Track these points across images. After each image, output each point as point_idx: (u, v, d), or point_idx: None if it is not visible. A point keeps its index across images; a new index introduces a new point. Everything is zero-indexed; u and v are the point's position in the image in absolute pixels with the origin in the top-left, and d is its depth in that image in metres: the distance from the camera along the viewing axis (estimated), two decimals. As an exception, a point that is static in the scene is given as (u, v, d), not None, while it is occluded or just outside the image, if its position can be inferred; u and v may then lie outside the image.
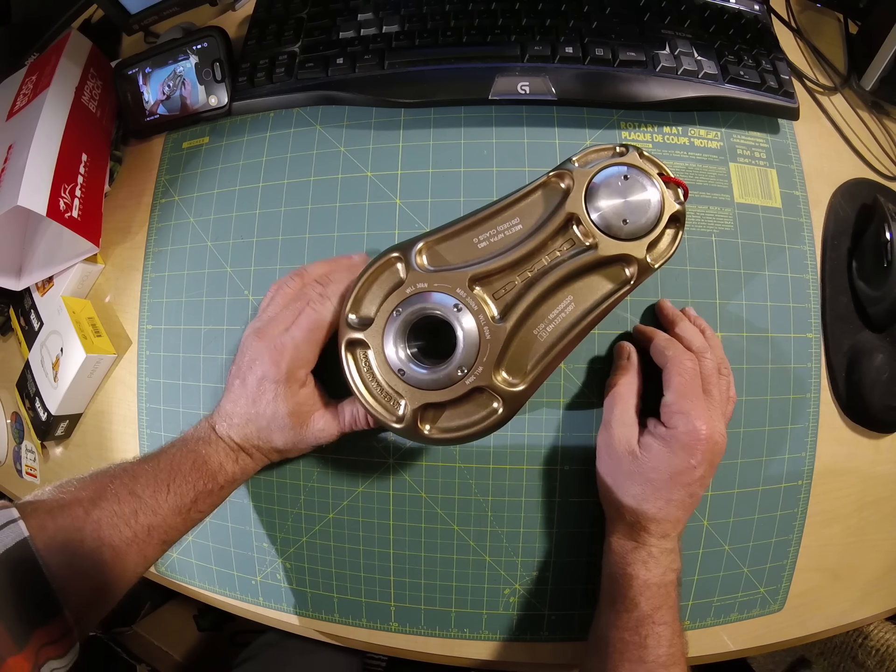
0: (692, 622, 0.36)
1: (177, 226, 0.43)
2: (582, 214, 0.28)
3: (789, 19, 0.44)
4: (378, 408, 0.29)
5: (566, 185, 0.29)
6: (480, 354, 0.27)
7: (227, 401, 0.33)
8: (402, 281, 0.28)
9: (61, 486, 0.29)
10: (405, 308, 0.28)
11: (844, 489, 0.38)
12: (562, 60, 0.38)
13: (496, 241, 0.29)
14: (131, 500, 0.29)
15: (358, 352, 0.29)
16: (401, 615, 0.37)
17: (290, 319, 0.32)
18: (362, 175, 0.39)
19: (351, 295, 0.29)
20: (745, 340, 0.36)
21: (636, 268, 0.28)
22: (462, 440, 0.28)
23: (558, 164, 0.30)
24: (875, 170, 0.42)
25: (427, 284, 0.28)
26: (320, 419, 0.33)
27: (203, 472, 0.32)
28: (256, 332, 0.32)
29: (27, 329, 0.48)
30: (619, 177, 0.28)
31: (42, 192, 0.39)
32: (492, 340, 0.27)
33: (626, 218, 0.28)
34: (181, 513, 0.31)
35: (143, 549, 0.29)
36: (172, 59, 0.44)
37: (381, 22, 0.41)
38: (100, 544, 0.28)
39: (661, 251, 0.29)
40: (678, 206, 0.28)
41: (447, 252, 0.29)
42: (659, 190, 0.28)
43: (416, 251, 0.29)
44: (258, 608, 0.40)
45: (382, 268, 0.29)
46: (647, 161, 0.29)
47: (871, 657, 0.55)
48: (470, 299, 0.27)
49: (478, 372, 0.27)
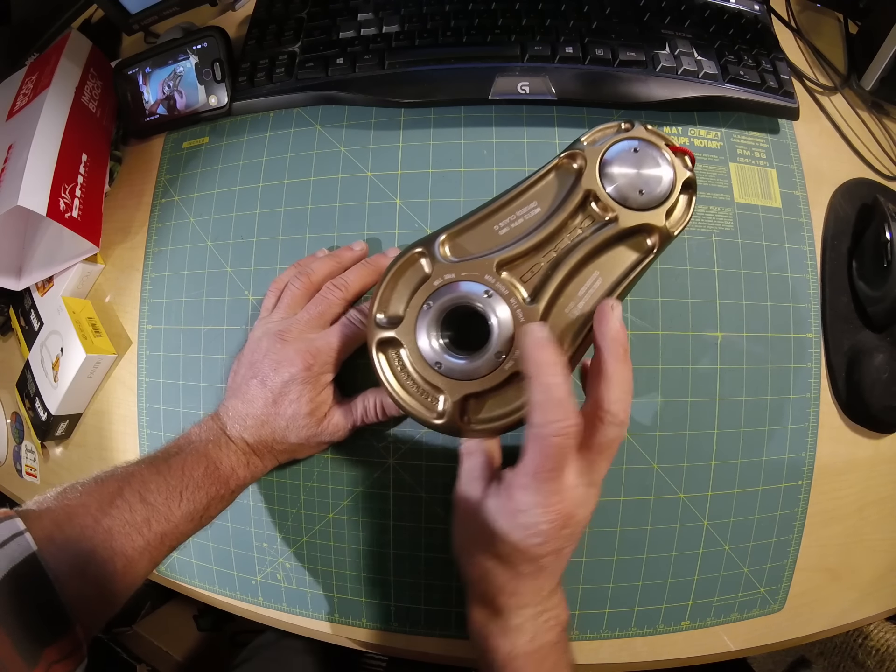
0: (692, 622, 0.36)
1: (177, 226, 0.43)
2: (599, 190, 0.28)
3: (789, 19, 0.44)
4: (417, 405, 0.28)
5: (578, 164, 0.29)
6: (516, 337, 0.27)
7: (239, 401, 0.33)
8: (427, 275, 0.28)
9: (65, 492, 0.28)
10: (435, 300, 0.28)
11: (844, 489, 0.38)
12: (562, 60, 0.38)
13: (517, 226, 0.29)
14: (143, 508, 0.29)
15: (390, 351, 0.29)
16: (401, 615, 0.37)
17: (314, 322, 0.33)
18: (362, 175, 0.39)
19: (378, 295, 0.29)
20: (745, 340, 0.36)
21: (657, 236, 0.28)
22: (505, 429, 0.28)
23: (568, 146, 0.30)
24: (875, 170, 0.42)
25: (455, 275, 0.28)
26: (334, 416, 0.33)
27: (215, 477, 0.31)
28: (278, 334, 0.32)
29: (27, 329, 0.48)
30: (630, 150, 0.29)
31: (42, 192, 0.39)
32: (526, 323, 0.27)
33: (641, 189, 0.28)
34: (193, 519, 0.30)
35: (154, 557, 0.29)
36: (172, 59, 0.44)
37: (381, 22, 0.41)
38: (111, 554, 0.27)
39: (678, 218, 0.29)
40: (689, 172, 0.29)
41: (469, 242, 0.29)
42: (669, 159, 0.29)
43: (439, 244, 0.28)
44: (258, 608, 0.40)
45: (406, 265, 0.29)
46: (652, 133, 0.29)
47: (871, 657, 0.55)
48: (500, 284, 0.27)
49: (516, 356, 0.27)
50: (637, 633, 0.36)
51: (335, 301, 0.33)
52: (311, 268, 0.35)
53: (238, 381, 0.33)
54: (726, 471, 0.36)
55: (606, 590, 0.36)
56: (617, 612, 0.36)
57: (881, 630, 0.55)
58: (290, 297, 0.34)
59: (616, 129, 0.30)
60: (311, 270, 0.35)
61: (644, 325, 0.36)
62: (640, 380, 0.35)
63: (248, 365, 0.33)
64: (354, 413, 0.33)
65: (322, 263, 0.35)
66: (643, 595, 0.36)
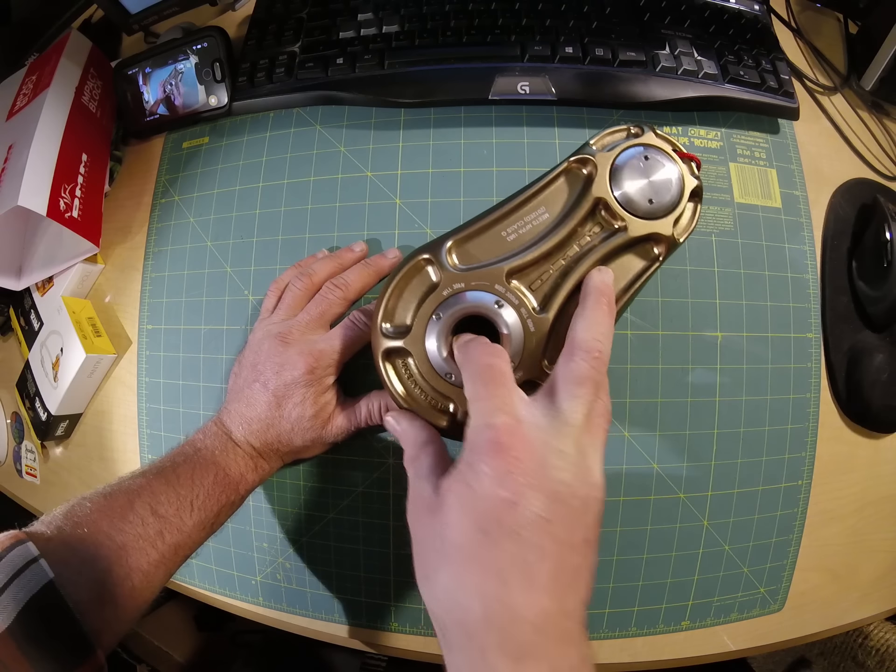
0: (692, 622, 0.36)
1: (177, 226, 0.43)
2: (609, 198, 0.28)
3: (789, 19, 0.44)
4: (425, 413, 0.28)
5: (588, 170, 0.29)
6: (526, 347, 0.27)
7: (242, 405, 0.32)
8: (434, 284, 0.28)
9: (73, 510, 0.28)
10: (445, 311, 0.27)
11: (844, 489, 0.38)
12: (562, 60, 0.38)
13: (525, 233, 0.29)
14: (155, 521, 0.28)
15: (396, 360, 0.28)
16: (401, 615, 0.37)
17: (315, 323, 0.33)
18: (362, 175, 0.39)
19: (383, 303, 0.28)
20: (745, 340, 0.36)
21: (665, 245, 0.29)
22: None
23: (577, 150, 0.30)
24: (875, 170, 0.42)
25: (464, 284, 0.27)
26: (337, 418, 0.33)
27: (225, 484, 0.31)
28: (280, 336, 0.32)
29: (27, 329, 0.48)
30: (640, 157, 0.29)
31: (42, 192, 0.39)
32: (536, 332, 0.27)
33: (651, 198, 0.28)
34: (205, 527, 0.30)
35: (169, 568, 0.29)
36: (172, 59, 0.44)
37: (380, 22, 0.41)
38: (128, 571, 0.27)
39: (685, 226, 0.29)
40: (696, 180, 0.29)
41: (477, 249, 0.29)
42: (678, 167, 0.29)
43: (447, 251, 0.28)
44: (258, 608, 0.40)
45: (412, 272, 0.29)
46: (661, 139, 0.29)
47: (871, 657, 0.55)
48: (510, 294, 0.27)
49: (526, 365, 0.27)
50: (637, 633, 0.36)
51: (336, 301, 0.33)
52: (313, 268, 0.35)
53: (240, 385, 0.33)
54: (726, 471, 0.36)
55: (606, 590, 0.36)
56: (617, 612, 0.36)
57: (881, 630, 0.55)
58: (291, 298, 0.34)
59: (626, 134, 0.30)
60: (312, 271, 0.35)
61: (644, 325, 0.36)
62: (640, 380, 0.35)
63: (249, 367, 0.33)
64: (358, 416, 0.33)
65: (323, 264, 0.35)
66: (643, 595, 0.36)
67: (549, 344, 0.27)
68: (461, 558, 0.20)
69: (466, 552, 0.20)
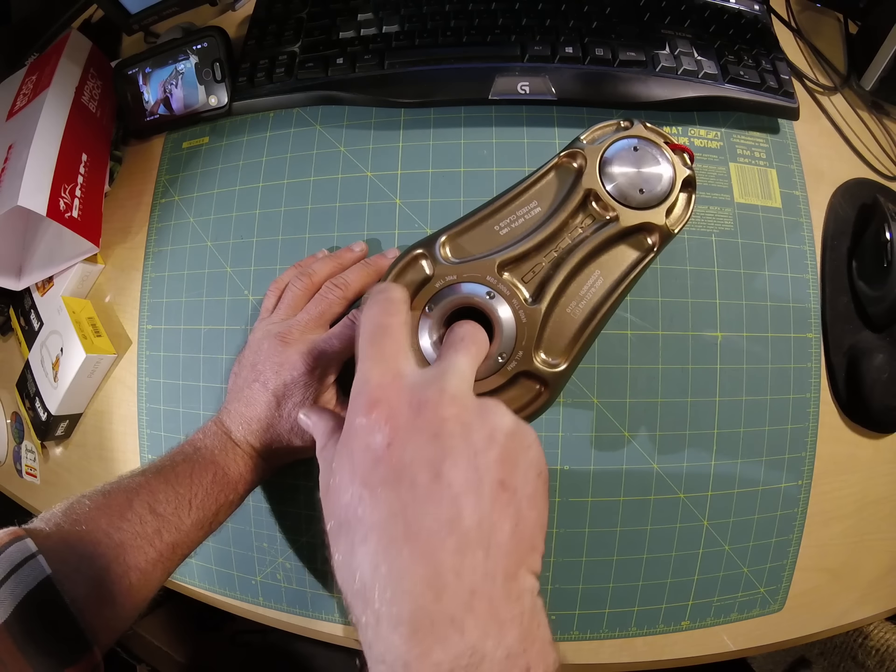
0: (692, 622, 0.36)
1: (177, 226, 0.43)
2: (599, 189, 0.29)
3: (789, 19, 0.44)
4: None
5: (578, 163, 0.29)
6: (518, 339, 0.27)
7: (242, 405, 0.32)
8: (428, 277, 0.28)
9: (73, 507, 0.28)
10: (437, 302, 0.28)
11: (844, 489, 0.38)
12: (562, 60, 0.38)
13: (517, 226, 0.29)
14: (154, 519, 0.28)
15: None
16: (401, 615, 0.37)
17: (315, 323, 0.33)
18: (362, 175, 0.39)
19: None
20: (745, 340, 0.36)
21: (658, 235, 0.29)
22: None
23: (567, 145, 0.30)
24: (875, 170, 0.42)
25: (456, 276, 0.28)
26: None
27: (224, 483, 0.31)
28: (279, 335, 0.32)
29: (27, 329, 0.48)
30: (630, 149, 0.29)
31: (42, 192, 0.39)
32: (528, 323, 0.27)
33: (641, 188, 0.28)
34: (203, 527, 0.30)
35: (167, 567, 0.29)
36: (172, 59, 0.44)
37: (380, 22, 0.41)
38: (125, 569, 0.27)
39: (678, 216, 0.29)
40: (688, 170, 0.29)
41: (470, 243, 0.29)
42: (669, 157, 0.29)
43: (440, 245, 0.28)
44: (258, 608, 0.40)
45: (407, 266, 0.29)
46: (651, 131, 0.30)
47: (871, 657, 0.55)
48: (501, 285, 0.27)
49: (518, 357, 0.27)
50: (637, 633, 0.36)
51: (335, 300, 0.33)
52: (313, 268, 0.35)
53: (240, 384, 0.33)
54: (726, 470, 0.36)
55: (606, 590, 0.36)
56: (617, 612, 0.36)
57: (881, 630, 0.55)
58: (291, 298, 0.34)
59: (615, 128, 0.30)
60: (312, 271, 0.35)
61: (644, 325, 0.36)
62: (640, 380, 0.35)
63: (249, 367, 0.33)
64: None
65: (323, 264, 0.35)
66: (643, 595, 0.36)
67: (542, 335, 0.28)
68: (356, 524, 0.18)
69: (358, 516, 0.18)
